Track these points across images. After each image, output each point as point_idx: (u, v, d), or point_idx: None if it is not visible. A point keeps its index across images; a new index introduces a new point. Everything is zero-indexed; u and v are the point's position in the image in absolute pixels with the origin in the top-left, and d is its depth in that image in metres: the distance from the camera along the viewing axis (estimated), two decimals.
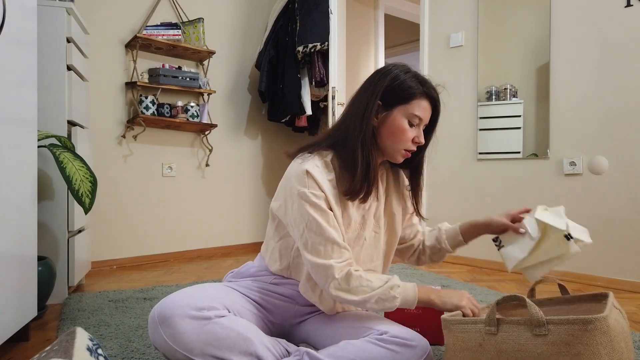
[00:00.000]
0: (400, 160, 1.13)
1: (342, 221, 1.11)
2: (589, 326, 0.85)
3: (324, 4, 3.25)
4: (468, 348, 0.98)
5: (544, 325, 0.89)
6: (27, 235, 1.41)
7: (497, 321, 0.94)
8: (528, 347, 0.90)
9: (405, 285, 1.04)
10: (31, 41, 1.43)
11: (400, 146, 1.10)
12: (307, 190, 1.04)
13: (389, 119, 1.10)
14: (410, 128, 1.09)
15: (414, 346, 1.02)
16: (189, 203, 3.18)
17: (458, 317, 1.14)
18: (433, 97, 1.11)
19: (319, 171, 1.07)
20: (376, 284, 1.02)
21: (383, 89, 1.09)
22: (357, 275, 1.02)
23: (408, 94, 1.08)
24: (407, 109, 1.09)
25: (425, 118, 1.11)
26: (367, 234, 1.18)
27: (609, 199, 2.35)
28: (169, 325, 0.98)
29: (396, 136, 1.09)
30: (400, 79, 1.10)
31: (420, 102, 1.10)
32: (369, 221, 1.18)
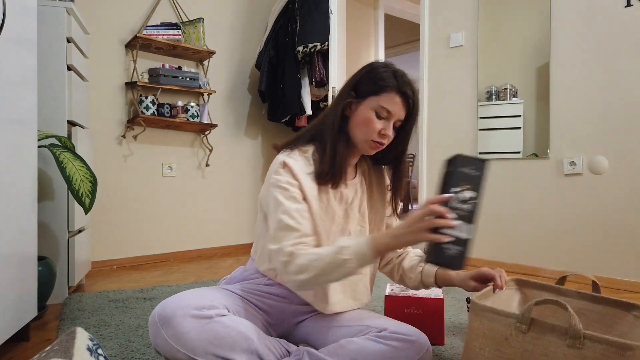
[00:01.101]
0: (369, 151, 1.13)
1: (322, 214, 1.12)
2: (628, 352, 0.80)
3: (324, 4, 3.25)
4: (492, 337, 0.96)
5: (580, 339, 0.85)
6: (27, 235, 1.41)
7: (531, 321, 0.92)
8: (557, 356, 0.87)
9: (358, 242, 0.96)
10: (31, 41, 1.43)
11: (366, 137, 1.10)
12: (281, 178, 1.07)
13: (358, 109, 1.11)
14: (378, 120, 1.09)
15: (414, 341, 1.03)
16: (189, 203, 3.18)
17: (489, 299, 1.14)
18: (405, 92, 1.08)
19: (297, 164, 1.10)
20: (324, 254, 0.96)
21: (357, 80, 1.13)
22: (303, 253, 0.98)
23: (379, 86, 1.08)
24: (376, 100, 1.08)
25: (395, 112, 1.09)
26: (351, 227, 1.19)
27: (609, 199, 2.35)
28: (171, 326, 0.97)
29: (362, 126, 1.10)
30: (375, 71, 1.11)
31: (391, 96, 1.08)
32: (353, 215, 1.19)
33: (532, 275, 2.57)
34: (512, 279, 1.31)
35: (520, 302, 1.29)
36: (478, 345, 0.99)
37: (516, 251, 2.69)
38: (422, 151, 3.18)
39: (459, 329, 1.58)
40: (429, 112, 3.15)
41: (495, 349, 0.95)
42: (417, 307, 1.43)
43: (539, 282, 1.28)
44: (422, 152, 3.18)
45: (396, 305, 1.44)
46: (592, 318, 1.17)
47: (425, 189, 3.16)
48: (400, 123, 1.12)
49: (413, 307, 1.43)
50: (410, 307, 1.43)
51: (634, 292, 2.21)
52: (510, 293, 1.29)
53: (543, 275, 2.53)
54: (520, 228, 2.68)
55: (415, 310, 1.43)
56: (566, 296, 1.22)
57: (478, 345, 0.99)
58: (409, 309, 1.43)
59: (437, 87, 3.11)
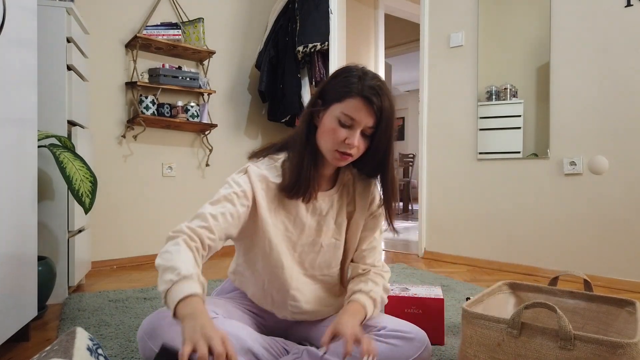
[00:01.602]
0: (336, 163, 1.05)
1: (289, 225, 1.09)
2: (618, 350, 0.82)
3: (324, 4, 3.25)
4: (485, 344, 0.97)
5: (570, 340, 0.86)
6: (27, 235, 1.41)
7: (521, 325, 0.93)
8: (549, 358, 0.88)
9: (185, 285, 0.85)
10: (31, 41, 1.43)
11: (331, 147, 1.03)
12: (235, 177, 1.06)
13: (323, 118, 1.05)
14: (342, 128, 1.01)
15: (412, 339, 1.03)
16: (189, 203, 3.18)
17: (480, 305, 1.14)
18: (369, 98, 0.99)
19: (257, 172, 1.07)
20: (173, 261, 0.88)
21: (323, 86, 1.07)
22: (177, 242, 0.93)
23: (342, 92, 1.01)
24: (339, 107, 1.01)
25: (359, 120, 1.00)
26: (324, 240, 1.14)
27: (609, 199, 2.35)
28: (157, 337, 0.96)
29: (327, 136, 1.03)
30: (339, 76, 1.04)
31: (354, 102, 1.00)
32: (327, 227, 1.14)
33: (532, 275, 2.57)
34: (505, 282, 1.31)
35: (515, 305, 1.30)
36: (472, 352, 1.00)
37: (516, 251, 2.70)
38: (422, 151, 3.18)
39: (458, 329, 1.58)
40: (429, 112, 3.15)
41: (489, 355, 0.96)
42: (417, 307, 1.43)
43: (532, 284, 1.29)
44: (422, 152, 3.18)
45: (396, 305, 1.44)
46: (588, 317, 1.18)
47: (425, 188, 3.16)
48: (371, 130, 1.03)
49: (413, 307, 1.43)
50: (410, 307, 1.43)
51: (634, 292, 2.21)
52: (505, 297, 1.29)
53: (543, 275, 2.53)
54: (520, 228, 2.68)
55: (415, 310, 1.43)
56: (560, 297, 1.23)
57: (472, 352, 1.00)
58: (409, 308, 1.43)
59: (437, 87, 3.11)
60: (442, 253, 3.05)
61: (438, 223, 3.09)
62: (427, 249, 3.14)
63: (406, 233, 4.47)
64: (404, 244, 3.78)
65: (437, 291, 1.50)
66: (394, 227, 1.16)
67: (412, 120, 9.80)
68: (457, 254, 2.97)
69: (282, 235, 1.10)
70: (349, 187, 1.17)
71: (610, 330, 1.14)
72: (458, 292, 2.11)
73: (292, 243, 1.11)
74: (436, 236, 3.10)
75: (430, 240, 3.14)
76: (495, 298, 1.25)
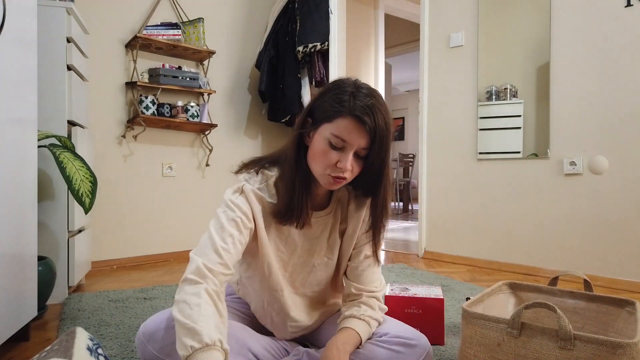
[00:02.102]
0: (329, 187, 0.98)
1: (280, 245, 1.06)
2: (618, 350, 0.82)
3: (324, 4, 3.25)
4: (485, 344, 0.97)
5: (570, 340, 0.86)
6: (27, 235, 1.41)
7: (521, 325, 0.93)
8: (549, 358, 0.88)
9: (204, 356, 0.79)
10: (31, 41, 1.43)
11: (321, 170, 0.96)
12: (234, 200, 0.99)
13: (314, 139, 0.97)
14: (333, 150, 0.93)
15: (415, 345, 1.02)
16: (189, 203, 3.18)
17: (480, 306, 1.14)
18: (360, 118, 0.91)
19: (255, 193, 1.01)
20: (195, 323, 0.81)
21: (313, 103, 0.99)
22: (199, 293, 0.86)
23: (332, 111, 0.93)
24: (329, 128, 0.93)
25: (351, 141, 0.92)
26: (316, 260, 1.10)
27: (609, 199, 2.35)
28: (156, 340, 0.95)
29: (316, 158, 0.96)
30: (329, 93, 0.96)
31: (345, 122, 0.91)
32: (320, 247, 1.09)
33: (532, 275, 2.57)
34: (505, 282, 1.31)
35: (515, 305, 1.30)
36: (472, 353, 1.00)
37: (516, 251, 2.70)
38: (422, 151, 3.18)
39: (458, 329, 1.58)
40: (429, 112, 3.15)
41: (489, 355, 0.96)
42: (417, 307, 1.43)
43: (532, 284, 1.29)
44: (422, 152, 3.18)
45: (396, 305, 1.44)
46: (588, 317, 1.18)
47: (425, 188, 3.16)
48: (365, 151, 0.95)
49: (413, 307, 1.43)
50: (410, 307, 1.43)
51: (634, 292, 2.21)
52: (505, 297, 1.29)
53: (543, 275, 2.53)
54: (520, 228, 2.68)
55: (416, 310, 1.43)
56: (560, 297, 1.23)
57: (472, 353, 1.00)
58: (409, 309, 1.43)
59: (437, 87, 3.11)
60: (442, 253, 3.05)
61: (438, 223, 3.09)
62: (427, 249, 3.14)
63: (406, 233, 4.47)
64: (404, 244, 3.78)
65: (437, 291, 1.50)
66: (378, 256, 1.10)
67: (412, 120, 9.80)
68: (457, 254, 2.98)
69: (274, 255, 1.06)
70: (343, 203, 1.11)
71: (610, 330, 1.14)
72: (458, 292, 2.11)
73: (284, 263, 1.08)
74: (436, 236, 3.10)
75: (430, 240, 3.14)
76: (495, 298, 1.25)
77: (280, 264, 1.08)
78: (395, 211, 6.87)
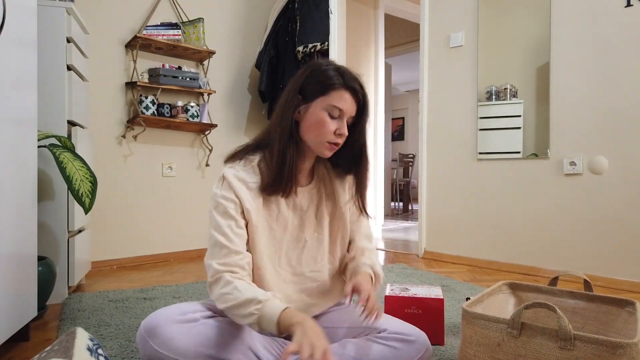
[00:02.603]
0: (326, 153, 1.09)
1: (272, 224, 1.10)
2: (618, 350, 0.82)
3: (324, 4, 3.25)
4: (485, 344, 0.97)
5: (570, 340, 0.86)
6: (27, 235, 1.41)
7: (521, 325, 0.93)
8: (549, 358, 0.88)
9: (272, 305, 0.92)
10: (31, 41, 1.43)
11: (322, 139, 1.06)
12: (218, 192, 1.07)
13: (308, 112, 1.07)
14: (331, 120, 1.06)
15: (413, 341, 1.03)
16: (189, 203, 3.19)
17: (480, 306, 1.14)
18: (354, 87, 1.06)
19: (237, 177, 1.07)
20: (243, 296, 0.94)
21: (302, 82, 1.08)
22: (227, 280, 0.98)
23: (326, 86, 1.05)
24: (326, 100, 1.05)
25: (346, 110, 1.06)
26: (307, 235, 1.15)
27: (609, 199, 2.35)
28: (157, 335, 0.96)
29: (316, 129, 1.06)
30: (318, 71, 1.08)
31: (340, 93, 1.05)
32: (309, 222, 1.16)
33: (532, 275, 2.57)
34: (505, 282, 1.31)
35: (515, 305, 1.30)
36: (472, 352, 1.00)
37: (516, 251, 2.70)
38: (422, 151, 3.18)
39: (458, 329, 1.58)
40: (429, 112, 3.15)
41: (489, 355, 0.96)
42: (417, 307, 1.43)
43: (532, 284, 1.29)
44: (422, 152, 3.18)
45: (396, 305, 1.44)
46: (588, 317, 1.18)
47: (425, 188, 3.16)
48: (352, 119, 1.10)
49: (413, 307, 1.43)
50: (410, 307, 1.43)
51: (634, 292, 2.21)
52: (504, 297, 1.29)
53: (543, 275, 2.53)
54: (520, 228, 2.68)
55: (415, 310, 1.43)
56: (560, 297, 1.23)
57: (472, 352, 1.00)
58: (409, 309, 1.43)
59: (437, 87, 3.11)
60: (442, 253, 3.05)
61: (438, 223, 3.09)
62: (427, 249, 3.14)
63: (406, 233, 4.47)
64: (404, 244, 3.78)
65: (437, 291, 1.50)
66: (367, 211, 1.23)
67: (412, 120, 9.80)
68: (457, 254, 2.98)
69: (266, 235, 1.10)
70: (325, 181, 1.20)
71: (610, 330, 1.14)
72: (458, 292, 2.11)
73: (278, 242, 1.12)
74: (436, 236, 3.10)
75: (430, 240, 3.14)
76: (495, 298, 1.25)
77: (274, 242, 1.12)
78: (395, 211, 6.87)
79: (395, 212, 6.86)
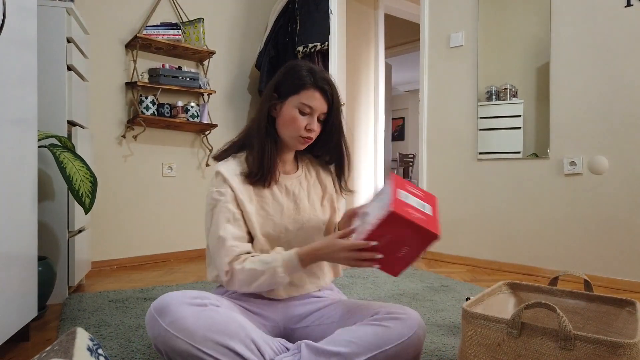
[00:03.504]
0: (299, 147, 1.20)
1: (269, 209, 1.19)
2: (618, 350, 0.82)
3: (324, 4, 3.25)
4: (485, 344, 0.97)
5: (570, 340, 0.86)
6: (27, 235, 1.41)
7: (521, 325, 0.93)
8: (548, 358, 0.88)
9: (290, 257, 1.07)
10: (31, 41, 1.43)
11: (294, 133, 1.17)
12: (214, 189, 1.16)
13: (282, 110, 1.18)
14: (302, 116, 1.16)
15: (405, 319, 1.06)
16: (189, 203, 3.18)
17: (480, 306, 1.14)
18: (322, 87, 1.16)
19: (228, 169, 1.17)
20: (259, 269, 1.07)
21: (277, 81, 1.20)
22: (239, 268, 1.08)
23: (297, 85, 1.16)
24: (297, 98, 1.15)
25: (316, 107, 1.16)
26: (303, 216, 1.24)
27: (609, 199, 2.35)
28: (168, 313, 0.98)
29: (289, 125, 1.17)
30: (292, 71, 1.18)
31: (310, 92, 1.15)
32: (303, 206, 1.24)
33: (532, 275, 2.57)
34: (505, 282, 1.31)
35: (515, 305, 1.30)
36: (472, 352, 1.00)
37: (516, 251, 2.69)
38: (422, 151, 3.18)
39: (458, 329, 1.58)
40: (429, 112, 3.15)
41: (489, 355, 0.96)
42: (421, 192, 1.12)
43: (532, 284, 1.29)
44: (422, 152, 3.18)
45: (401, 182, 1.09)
46: (588, 317, 1.18)
47: (425, 188, 3.16)
48: (324, 116, 1.19)
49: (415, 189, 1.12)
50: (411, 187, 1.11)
51: (634, 292, 2.21)
52: (505, 297, 1.29)
53: (543, 275, 2.53)
54: (520, 228, 2.68)
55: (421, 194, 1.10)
56: (560, 297, 1.23)
57: (472, 352, 1.00)
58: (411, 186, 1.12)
59: (437, 87, 3.11)
60: (442, 253, 3.05)
61: None
62: None
63: None
64: None
65: None
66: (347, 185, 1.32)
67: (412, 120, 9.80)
68: (457, 254, 2.97)
69: (263, 221, 1.18)
70: (310, 169, 1.32)
71: (610, 330, 1.14)
72: (458, 292, 2.11)
73: (277, 226, 1.19)
74: None
75: None
76: (495, 298, 1.25)
77: (274, 226, 1.19)
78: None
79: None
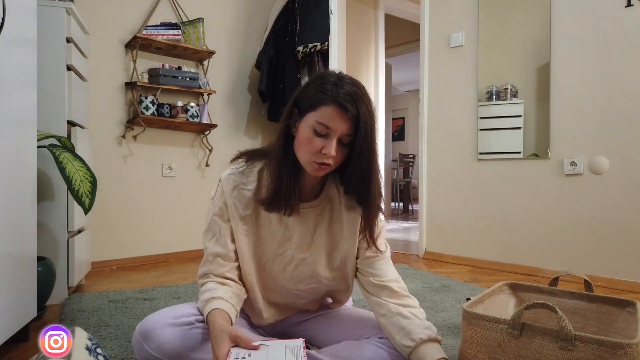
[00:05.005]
0: (315, 173, 0.98)
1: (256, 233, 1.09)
2: (619, 351, 0.82)
3: (324, 4, 3.25)
4: (486, 345, 0.97)
5: (571, 340, 0.86)
6: (27, 235, 1.41)
7: (522, 325, 0.92)
8: (549, 359, 0.88)
9: (205, 312, 0.99)
10: (31, 41, 1.43)
11: (309, 158, 0.96)
12: (212, 193, 1.13)
13: (299, 128, 0.99)
14: (318, 137, 0.94)
15: None
16: (189, 203, 3.18)
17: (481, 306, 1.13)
18: (342, 104, 0.92)
19: (231, 181, 1.08)
20: (200, 299, 1.05)
21: (299, 94, 1.01)
22: (201, 284, 1.09)
23: (316, 99, 0.95)
24: (314, 116, 0.95)
25: (335, 128, 0.93)
26: (294, 253, 1.09)
27: (609, 199, 2.35)
28: (152, 339, 0.96)
29: (302, 146, 0.97)
30: (315, 83, 0.98)
31: (328, 110, 0.93)
32: (293, 241, 1.09)
33: (532, 276, 2.56)
34: (505, 283, 1.31)
35: (515, 306, 1.30)
36: (472, 353, 0.99)
37: (516, 251, 2.69)
38: (422, 151, 3.17)
39: (458, 329, 1.58)
40: (429, 112, 3.15)
41: (490, 356, 0.96)
42: None
43: (533, 284, 1.29)
44: (422, 152, 3.18)
45: None
46: (588, 317, 1.18)
47: (425, 189, 3.16)
48: (348, 138, 0.95)
49: None
50: None
51: (634, 292, 2.21)
52: (505, 298, 1.29)
53: (543, 275, 2.53)
54: (521, 228, 2.68)
55: None
56: (560, 297, 1.23)
57: (472, 353, 0.99)
58: None
59: (437, 87, 3.11)
60: (443, 253, 3.05)
61: (438, 223, 3.09)
62: (427, 249, 3.14)
63: (406, 233, 4.47)
64: (404, 244, 3.78)
65: None
66: (378, 247, 1.08)
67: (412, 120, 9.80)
68: (457, 254, 2.97)
69: (252, 243, 1.09)
70: (334, 202, 1.09)
71: (610, 330, 1.13)
72: (458, 292, 2.11)
73: (264, 252, 1.10)
74: (436, 236, 3.10)
75: (430, 240, 3.13)
76: (496, 298, 1.25)
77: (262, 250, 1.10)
78: (395, 211, 6.87)
79: (395, 212, 6.86)
